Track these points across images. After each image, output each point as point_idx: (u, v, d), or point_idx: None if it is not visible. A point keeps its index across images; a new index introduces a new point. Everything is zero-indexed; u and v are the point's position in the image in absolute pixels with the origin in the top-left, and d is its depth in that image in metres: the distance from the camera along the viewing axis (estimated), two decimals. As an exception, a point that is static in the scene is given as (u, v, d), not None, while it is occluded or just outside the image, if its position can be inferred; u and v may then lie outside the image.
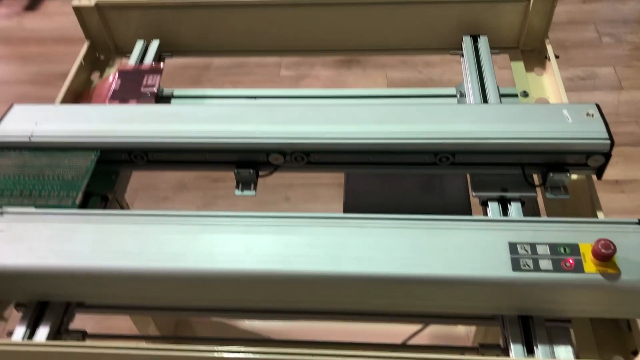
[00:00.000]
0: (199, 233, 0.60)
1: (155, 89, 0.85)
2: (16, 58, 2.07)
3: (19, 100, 0.77)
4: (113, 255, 0.58)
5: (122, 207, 0.83)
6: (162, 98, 0.87)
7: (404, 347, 0.79)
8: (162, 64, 0.89)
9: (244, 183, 0.70)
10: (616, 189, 1.45)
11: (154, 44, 0.92)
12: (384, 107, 0.71)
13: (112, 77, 0.87)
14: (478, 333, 0.96)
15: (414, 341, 0.85)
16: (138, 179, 1.64)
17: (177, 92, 0.89)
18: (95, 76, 0.94)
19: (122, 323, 1.26)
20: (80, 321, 0.65)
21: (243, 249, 0.58)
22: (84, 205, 0.69)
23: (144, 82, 0.86)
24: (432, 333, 1.04)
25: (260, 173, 0.71)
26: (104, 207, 0.72)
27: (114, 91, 0.85)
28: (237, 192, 0.70)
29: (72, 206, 0.65)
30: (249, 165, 0.69)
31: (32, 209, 0.63)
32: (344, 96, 0.85)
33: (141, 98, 0.84)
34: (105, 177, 0.72)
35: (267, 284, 0.58)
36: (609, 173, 0.68)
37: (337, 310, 0.64)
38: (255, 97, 0.88)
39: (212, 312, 0.65)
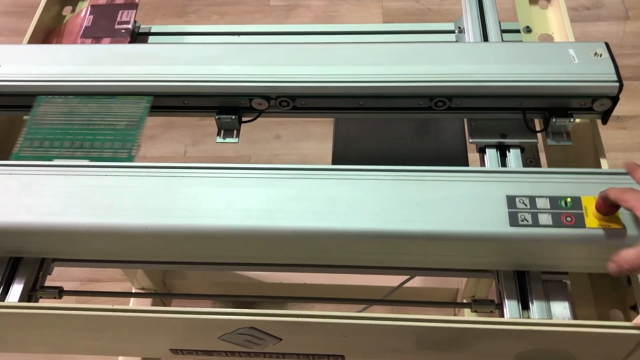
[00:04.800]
0: (178, 187, 0.56)
1: (130, 26, 0.78)
2: (-9, -13, 1.96)
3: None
4: (84, 211, 0.54)
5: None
6: (139, 35, 0.81)
7: (393, 302, 0.77)
8: (137, -2, 0.82)
9: (226, 130, 0.66)
10: (617, 125, 1.40)
11: (128, -25, 0.85)
12: (375, 46, 0.66)
13: (84, 12, 0.81)
14: (470, 282, 0.95)
15: (403, 293, 0.83)
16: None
17: (155, 28, 0.82)
18: (67, 11, 0.87)
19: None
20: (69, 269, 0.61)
21: (225, 204, 0.55)
22: (55, 154, 0.65)
23: (118, 17, 0.79)
24: (422, 282, 1.03)
25: (243, 119, 0.66)
26: (79, 156, 0.67)
27: (86, 28, 0.79)
28: (219, 140, 0.66)
29: (129, 159, 0.60)
30: (230, 111, 0.65)
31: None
32: (333, 32, 0.79)
33: (115, 36, 0.78)
34: (77, 124, 0.67)
35: (250, 241, 0.55)
36: (611, 108, 0.63)
37: (326, 264, 0.61)
38: (239, 34, 0.82)
39: (197, 266, 0.62)
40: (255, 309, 0.51)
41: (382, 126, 0.73)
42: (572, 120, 0.62)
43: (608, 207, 0.50)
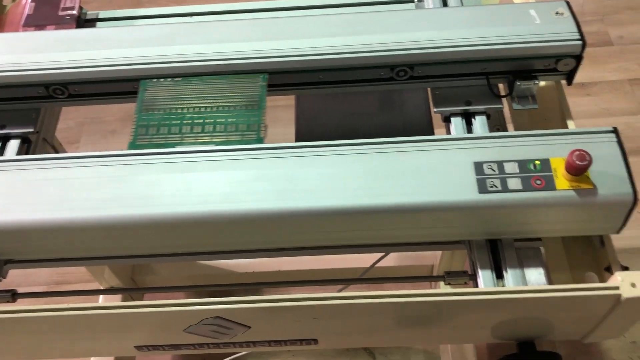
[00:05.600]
0: (132, 175, 0.53)
1: (75, 11, 0.74)
2: None
3: None
4: (31, 206, 0.51)
5: (55, 149, 0.75)
6: (86, 22, 0.77)
7: (369, 280, 0.76)
8: (81, -18, 0.78)
9: (181, 113, 0.63)
10: (582, 92, 1.40)
11: (71, -41, 0.80)
12: (332, 17, 0.63)
13: (25, 0, 0.76)
14: (444, 257, 0.93)
15: (379, 272, 0.82)
16: (82, 113, 1.54)
17: (102, 14, 0.78)
18: (7, 0, 0.82)
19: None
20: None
21: (182, 190, 0.52)
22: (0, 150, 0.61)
23: (62, 4, 0.75)
24: (397, 260, 1.02)
25: (199, 101, 0.63)
26: (27, 151, 0.64)
27: (28, 16, 0.74)
28: (174, 125, 0.62)
29: (258, 141, 0.55)
30: (184, 94, 0.62)
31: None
32: (287, 7, 0.76)
33: (60, 23, 0.74)
34: (23, 116, 0.63)
35: (212, 227, 0.52)
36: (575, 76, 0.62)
37: (297, 247, 0.59)
38: (193, 14, 0.78)
39: (163, 258, 0.59)
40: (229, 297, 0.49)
41: (346, 101, 0.71)
42: (536, 82, 0.60)
43: (579, 167, 0.49)
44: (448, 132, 0.62)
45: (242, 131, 0.56)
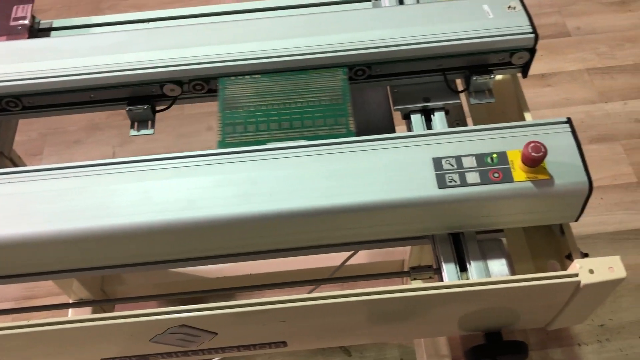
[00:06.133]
0: (89, 186, 0.52)
1: (27, 21, 0.73)
2: None
3: None
4: (-15, 223, 0.50)
5: (13, 162, 0.73)
6: (39, 31, 0.76)
7: (338, 279, 0.76)
8: (33, -9, 0.76)
9: (140, 121, 0.62)
10: (542, 83, 1.43)
11: (21, -32, 0.79)
12: (289, 19, 0.63)
13: (-26, 12, 0.74)
14: (414, 251, 0.94)
15: (351, 270, 0.82)
16: (45, 123, 1.52)
17: (57, 22, 0.77)
18: (-43, 12, 0.80)
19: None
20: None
21: (142, 198, 0.51)
22: (-47, 166, 0.60)
23: (13, 13, 0.74)
24: (367, 257, 1.02)
25: (157, 108, 0.63)
26: (-18, 166, 0.62)
27: (-22, 28, 0.73)
28: (133, 132, 0.62)
29: (349, 134, 0.55)
30: (142, 101, 0.61)
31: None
32: (248, 10, 0.76)
33: (12, 34, 0.72)
34: (-24, 131, 0.62)
35: (173, 235, 0.51)
36: (535, 67, 0.64)
37: (265, 250, 0.58)
38: (149, 21, 0.77)
39: (130, 268, 0.58)
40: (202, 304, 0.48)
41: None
42: (492, 76, 0.61)
43: (534, 159, 0.50)
44: (409, 129, 0.62)
45: (330, 125, 0.55)
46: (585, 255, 0.55)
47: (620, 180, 1.28)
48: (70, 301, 1.05)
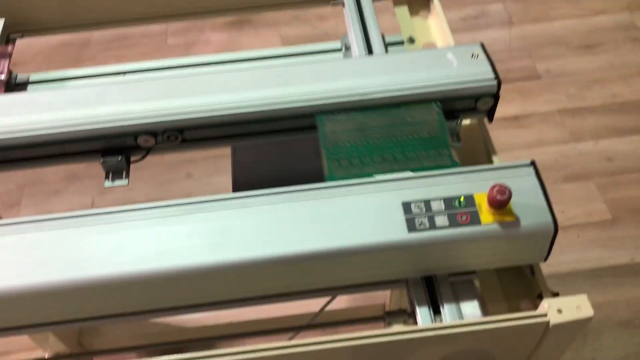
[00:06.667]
0: (60, 238, 0.52)
1: (3, 76, 0.74)
2: None
3: None
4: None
5: (-14, 214, 0.73)
6: (16, 86, 0.77)
7: (319, 325, 0.76)
8: (10, 47, 0.78)
9: (114, 172, 0.63)
10: (516, 124, 1.46)
11: (-1, 24, 0.81)
12: (259, 70, 0.65)
13: (-49, 67, 0.75)
14: (394, 295, 0.94)
15: (332, 315, 0.82)
16: (23, 174, 1.51)
17: (34, 76, 0.78)
18: None
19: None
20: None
21: (114, 249, 0.51)
22: None
23: (-10, 69, 0.75)
24: (348, 301, 1.02)
25: (132, 158, 0.63)
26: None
27: (-46, 83, 0.74)
28: (107, 184, 0.62)
29: (454, 164, 0.57)
30: (116, 152, 0.62)
31: None
32: (222, 61, 0.78)
33: (-12, 88, 0.73)
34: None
35: (146, 285, 0.51)
36: (508, 110, 0.66)
37: (241, 298, 0.58)
38: (125, 73, 0.79)
39: (106, 320, 0.58)
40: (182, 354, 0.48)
41: (281, 148, 0.72)
42: (458, 122, 0.63)
43: (500, 201, 0.51)
44: (380, 173, 0.63)
45: (433, 157, 0.57)
46: (556, 295, 0.56)
47: (595, 217, 1.30)
48: (46, 356, 1.03)
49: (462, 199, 0.53)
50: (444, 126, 0.60)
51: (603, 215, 1.31)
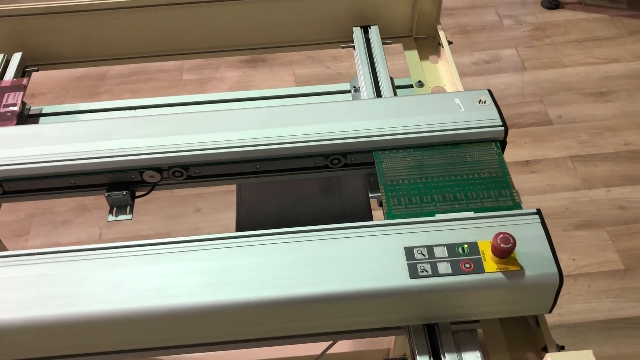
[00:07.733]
0: (60, 272, 0.52)
1: (17, 108, 0.75)
2: None
3: None
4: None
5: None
6: (28, 117, 0.78)
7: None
8: (25, 80, 0.79)
9: (118, 207, 0.63)
10: (527, 170, 1.46)
11: (16, 58, 0.82)
12: (267, 110, 0.65)
13: (-34, 98, 0.77)
14: (398, 340, 0.92)
15: (332, 357, 0.80)
16: (33, 204, 1.52)
17: (46, 109, 0.80)
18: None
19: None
20: None
21: (113, 286, 0.51)
22: None
23: (4, 100, 0.76)
24: (351, 345, 1.00)
25: (137, 193, 0.63)
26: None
27: (-31, 114, 0.75)
28: (110, 218, 0.62)
29: (516, 206, 0.56)
30: (121, 187, 0.62)
31: None
32: (232, 100, 0.79)
33: (1, 120, 0.75)
34: (-45, 215, 0.62)
35: (143, 323, 0.51)
36: (519, 154, 0.65)
37: (240, 340, 0.57)
38: (135, 108, 0.80)
39: (95, 357, 0.57)
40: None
41: (286, 188, 0.72)
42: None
43: (504, 250, 0.50)
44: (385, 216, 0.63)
45: (495, 197, 0.57)
46: (562, 348, 0.54)
47: (607, 267, 1.27)
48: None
49: (465, 246, 0.52)
50: (505, 167, 0.59)
51: (615, 265, 1.28)
